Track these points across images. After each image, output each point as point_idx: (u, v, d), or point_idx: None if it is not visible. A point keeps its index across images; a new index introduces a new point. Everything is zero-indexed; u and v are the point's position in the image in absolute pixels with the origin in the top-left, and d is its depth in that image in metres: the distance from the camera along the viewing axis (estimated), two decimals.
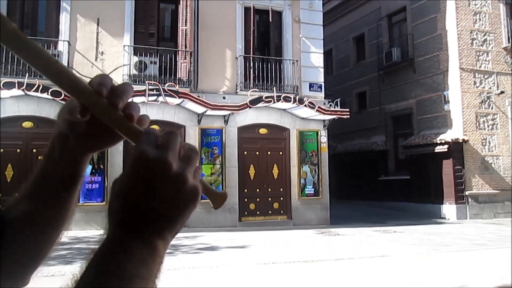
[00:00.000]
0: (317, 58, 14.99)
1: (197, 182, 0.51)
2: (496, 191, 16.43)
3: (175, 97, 12.16)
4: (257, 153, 14.07)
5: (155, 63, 13.04)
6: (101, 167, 12.14)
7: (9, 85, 10.97)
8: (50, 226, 0.62)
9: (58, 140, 0.60)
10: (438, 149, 16.37)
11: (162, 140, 0.50)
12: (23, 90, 11.07)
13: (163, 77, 12.92)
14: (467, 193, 16.14)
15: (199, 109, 12.85)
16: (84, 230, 10.40)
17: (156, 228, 0.49)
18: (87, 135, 0.58)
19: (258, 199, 13.87)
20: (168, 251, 0.51)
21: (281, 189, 14.12)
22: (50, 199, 0.61)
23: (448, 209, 16.22)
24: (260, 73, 13.97)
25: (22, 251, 0.60)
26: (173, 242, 0.53)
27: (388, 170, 19.71)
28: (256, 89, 13.60)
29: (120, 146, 9.69)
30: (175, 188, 0.49)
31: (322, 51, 15.20)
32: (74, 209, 0.64)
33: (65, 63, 12.08)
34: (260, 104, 13.25)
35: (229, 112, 13.15)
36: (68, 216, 0.63)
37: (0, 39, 0.48)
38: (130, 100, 0.54)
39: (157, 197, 0.48)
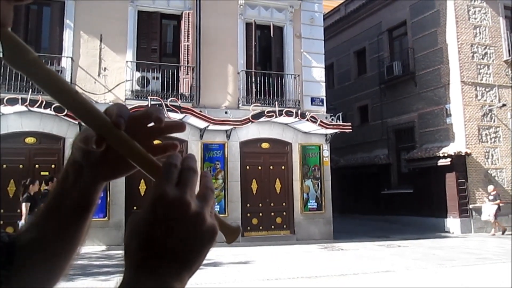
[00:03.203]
0: (319, 73, 15.06)
1: (213, 220, 0.50)
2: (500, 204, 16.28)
3: (178, 112, 12.19)
4: (260, 167, 14.04)
5: (157, 78, 13.12)
6: None
7: (12, 101, 11.03)
8: (61, 253, 0.61)
9: (72, 169, 0.59)
10: (441, 162, 16.31)
11: (182, 177, 0.49)
12: (26, 106, 11.12)
13: (165, 92, 12.99)
14: (471, 206, 16.03)
15: (201, 124, 12.87)
16: (86, 246, 10.33)
17: (174, 270, 0.47)
18: (101, 164, 0.57)
19: (260, 214, 13.80)
20: None
21: (284, 204, 14.06)
22: (61, 227, 0.60)
23: (452, 222, 16.09)
24: (262, 88, 14.02)
25: (33, 277, 0.59)
26: None
27: (391, 184, 19.62)
28: (258, 104, 13.64)
29: None
30: (193, 228, 0.48)
31: (323, 66, 15.28)
32: (86, 234, 0.63)
33: (68, 79, 12.17)
34: (262, 119, 13.26)
35: (231, 126, 13.18)
36: (80, 242, 0.62)
37: (20, 68, 0.48)
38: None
39: (175, 238, 0.47)
